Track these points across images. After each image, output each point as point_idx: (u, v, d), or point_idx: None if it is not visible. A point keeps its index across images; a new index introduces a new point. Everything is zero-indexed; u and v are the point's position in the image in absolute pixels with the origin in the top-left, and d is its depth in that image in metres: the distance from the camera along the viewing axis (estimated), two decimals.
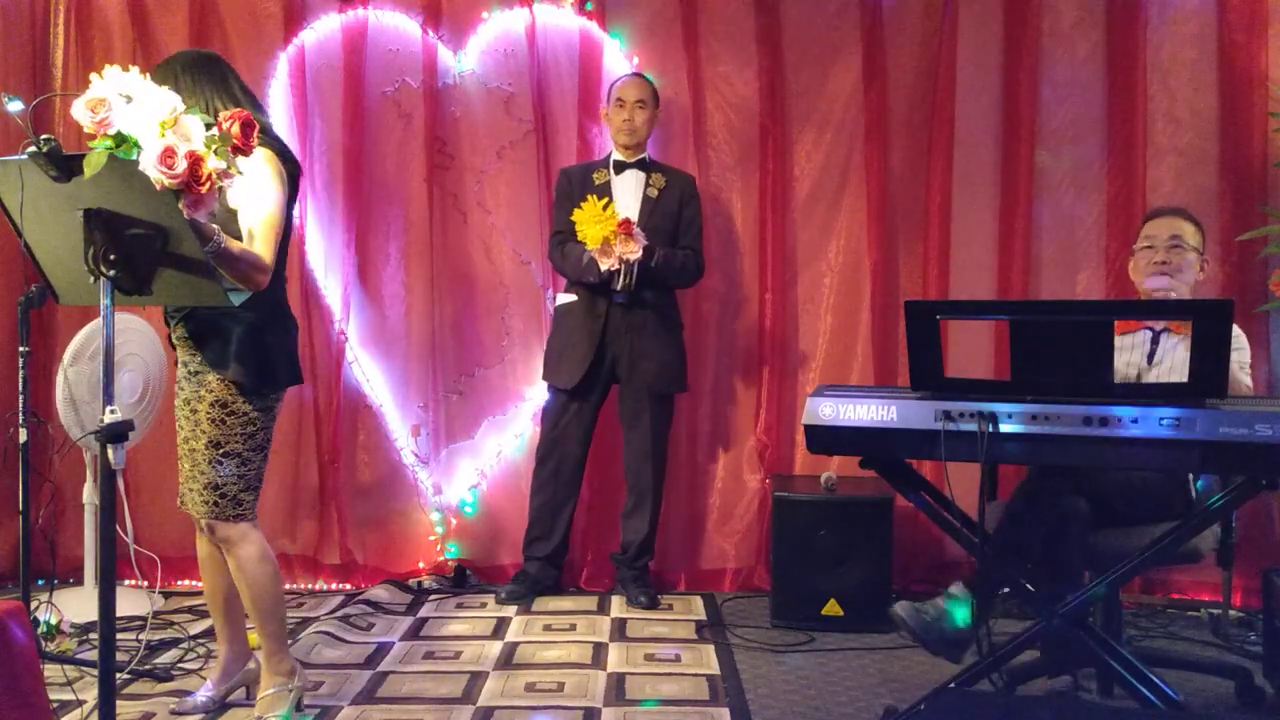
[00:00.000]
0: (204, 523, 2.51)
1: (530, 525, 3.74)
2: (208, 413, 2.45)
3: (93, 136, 1.91)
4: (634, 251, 3.39)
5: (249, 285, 2.35)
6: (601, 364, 3.61)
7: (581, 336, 3.60)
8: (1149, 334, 2.81)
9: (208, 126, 2.02)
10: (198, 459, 2.47)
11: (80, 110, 1.91)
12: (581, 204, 3.43)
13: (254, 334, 2.46)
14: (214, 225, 2.19)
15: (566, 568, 3.83)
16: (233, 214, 2.38)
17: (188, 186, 1.92)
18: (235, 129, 2.05)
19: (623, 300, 3.56)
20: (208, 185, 1.95)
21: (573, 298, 3.65)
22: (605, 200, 3.46)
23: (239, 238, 2.35)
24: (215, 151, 1.99)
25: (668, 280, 3.63)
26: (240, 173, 2.10)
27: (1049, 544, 2.44)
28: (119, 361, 3.43)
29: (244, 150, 2.07)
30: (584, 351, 3.58)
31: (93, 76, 1.95)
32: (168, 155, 1.89)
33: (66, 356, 3.27)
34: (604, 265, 3.44)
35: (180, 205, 1.94)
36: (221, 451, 2.46)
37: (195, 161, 1.92)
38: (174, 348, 2.58)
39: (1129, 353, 2.81)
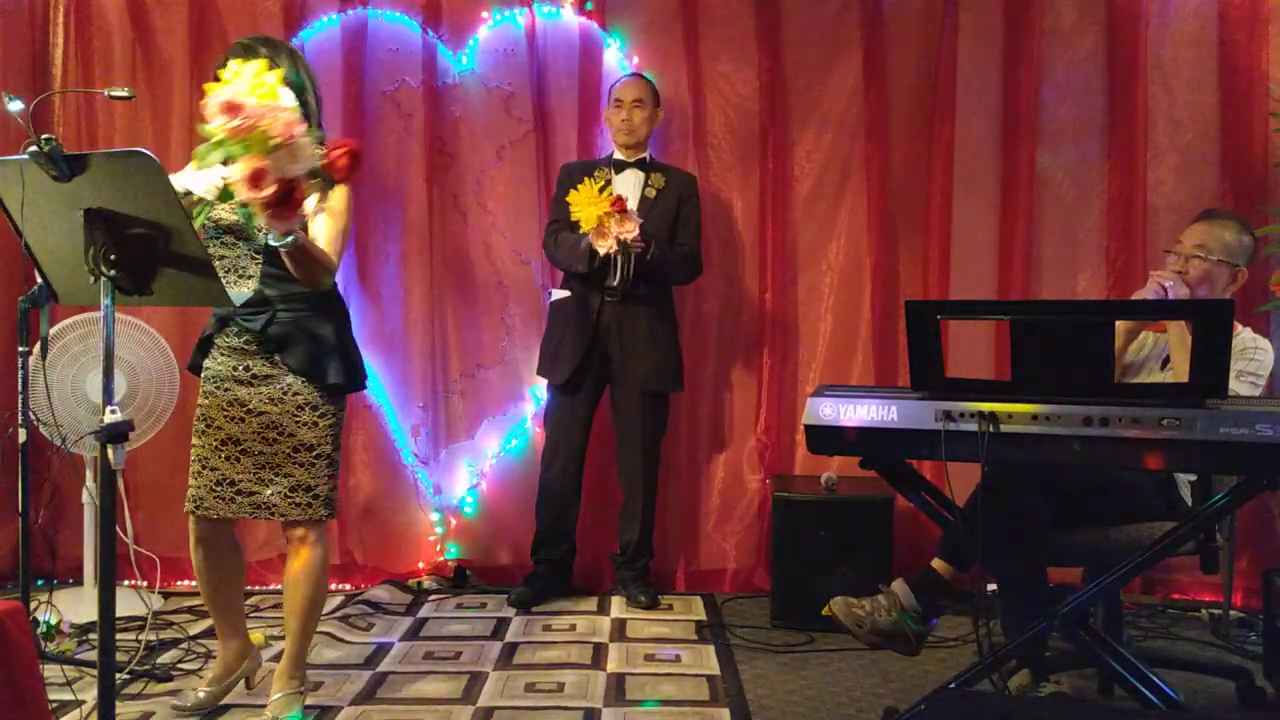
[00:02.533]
0: (289, 522, 2.53)
1: (539, 530, 3.73)
2: (294, 416, 2.48)
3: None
4: (630, 230, 3.35)
5: (311, 284, 2.40)
6: (593, 360, 3.61)
7: (574, 332, 3.59)
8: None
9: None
10: (280, 462, 2.48)
11: (216, 109, 1.88)
12: (577, 188, 3.41)
13: (340, 338, 2.53)
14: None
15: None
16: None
17: (273, 206, 1.92)
18: (344, 162, 2.07)
19: (615, 296, 3.55)
20: (296, 208, 1.96)
21: (567, 293, 3.65)
22: (602, 183, 3.44)
23: None
24: (314, 176, 1.98)
25: (664, 277, 3.62)
26: (325, 200, 2.12)
27: (1008, 544, 2.44)
28: (92, 360, 3.43)
29: (346, 181, 2.08)
30: (575, 347, 3.58)
31: (230, 68, 1.92)
32: (257, 177, 1.88)
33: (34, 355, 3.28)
34: (602, 248, 3.39)
35: (260, 220, 1.96)
36: (315, 454, 2.50)
37: (290, 189, 1.92)
38: (203, 352, 2.54)
39: (1141, 348, 2.80)
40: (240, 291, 2.43)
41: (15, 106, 2.07)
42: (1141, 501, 2.56)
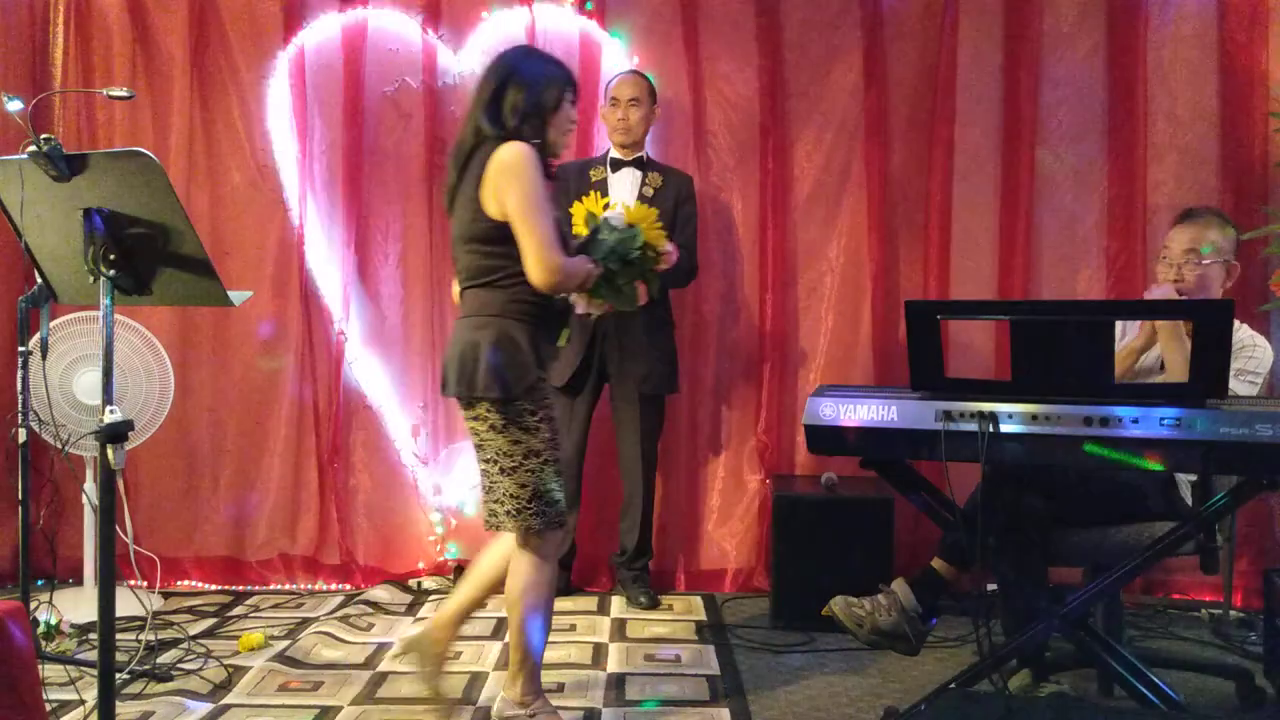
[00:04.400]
0: None
1: None
2: None
3: None
4: None
5: None
6: (591, 362, 3.60)
7: (573, 334, 3.58)
8: None
9: None
10: None
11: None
12: (581, 199, 3.40)
13: None
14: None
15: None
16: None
17: None
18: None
19: None
20: None
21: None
22: (605, 200, 3.43)
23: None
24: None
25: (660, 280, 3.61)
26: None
27: (1007, 544, 2.44)
28: (79, 360, 3.43)
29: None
30: (575, 349, 3.57)
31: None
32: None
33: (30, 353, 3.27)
34: None
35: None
36: None
37: None
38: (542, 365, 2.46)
39: (1155, 352, 2.80)
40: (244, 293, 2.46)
41: (15, 106, 2.07)
42: (1141, 501, 2.56)
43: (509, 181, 2.31)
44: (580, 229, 3.37)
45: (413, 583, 3.87)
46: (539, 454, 2.39)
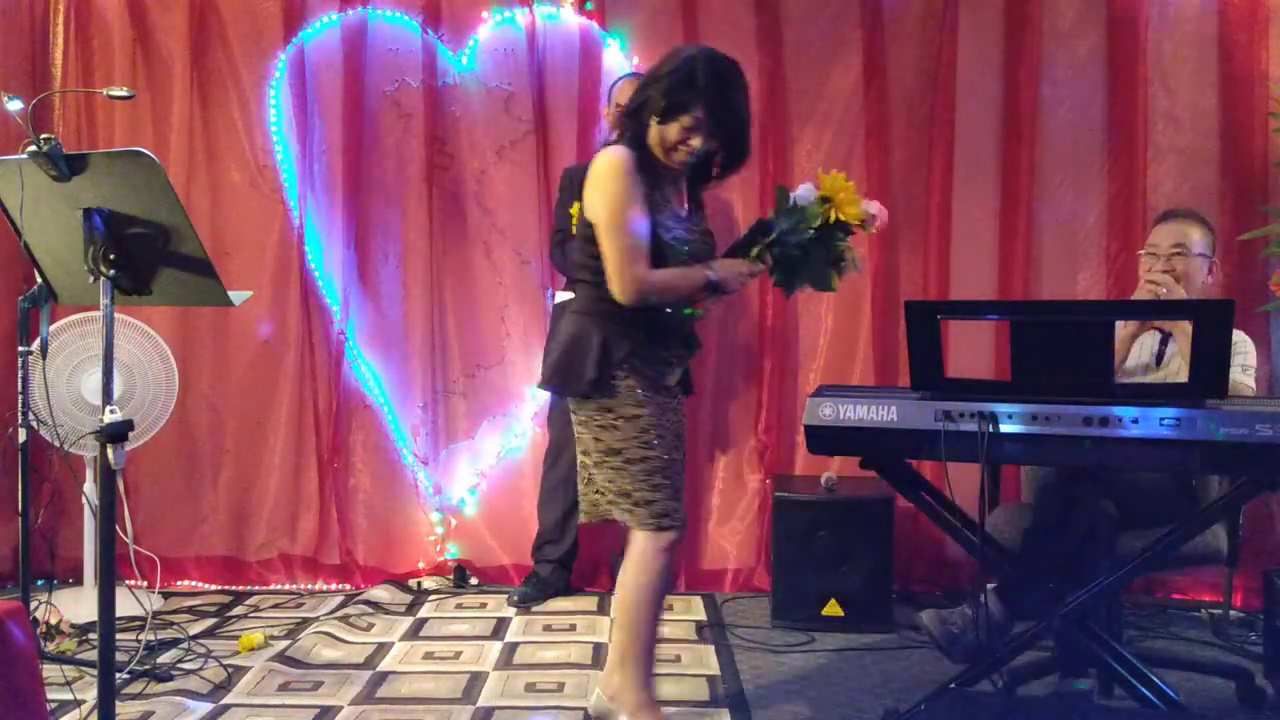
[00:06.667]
0: None
1: (541, 530, 3.73)
2: None
3: None
4: None
5: None
6: None
7: None
8: (1159, 335, 2.81)
9: None
10: None
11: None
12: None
13: None
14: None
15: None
16: None
17: None
18: None
19: None
20: None
21: (572, 295, 3.64)
22: None
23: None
24: None
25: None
26: None
27: (1081, 549, 2.43)
28: (87, 361, 3.43)
29: None
30: None
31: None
32: None
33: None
34: None
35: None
36: None
37: None
38: (659, 372, 2.53)
39: (1139, 351, 2.81)
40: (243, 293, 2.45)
41: (15, 106, 2.07)
42: (1167, 504, 2.55)
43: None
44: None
45: (413, 583, 3.87)
46: None
